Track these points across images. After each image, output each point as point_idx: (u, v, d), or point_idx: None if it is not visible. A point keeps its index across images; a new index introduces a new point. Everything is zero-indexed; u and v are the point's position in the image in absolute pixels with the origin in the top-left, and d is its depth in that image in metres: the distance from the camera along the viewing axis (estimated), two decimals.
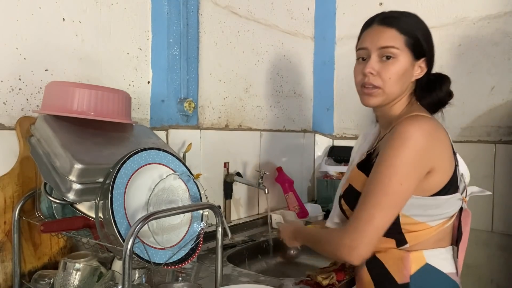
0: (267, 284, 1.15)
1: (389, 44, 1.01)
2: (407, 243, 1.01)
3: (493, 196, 1.76)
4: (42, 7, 1.20)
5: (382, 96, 1.04)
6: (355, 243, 0.93)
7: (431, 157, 0.95)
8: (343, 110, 2.33)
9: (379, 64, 1.03)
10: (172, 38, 1.53)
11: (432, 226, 1.00)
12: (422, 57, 1.05)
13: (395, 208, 0.95)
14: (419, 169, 0.94)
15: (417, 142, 0.93)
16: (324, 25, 2.35)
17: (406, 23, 1.03)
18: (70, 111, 1.03)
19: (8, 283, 1.10)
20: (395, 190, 0.93)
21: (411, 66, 1.03)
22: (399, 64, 1.01)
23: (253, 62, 1.95)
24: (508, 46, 1.78)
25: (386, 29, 1.03)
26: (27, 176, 1.13)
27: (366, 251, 0.94)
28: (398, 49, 1.01)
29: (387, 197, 0.93)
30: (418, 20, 1.06)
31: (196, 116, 1.65)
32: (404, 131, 0.93)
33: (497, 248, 1.79)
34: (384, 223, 0.94)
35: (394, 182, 0.92)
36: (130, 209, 0.95)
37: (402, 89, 1.05)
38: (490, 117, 1.81)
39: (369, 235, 0.93)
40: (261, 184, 1.71)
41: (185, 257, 1.02)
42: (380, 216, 0.93)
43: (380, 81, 1.03)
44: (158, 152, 1.04)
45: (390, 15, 1.06)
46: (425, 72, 1.07)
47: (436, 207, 0.99)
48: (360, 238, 0.93)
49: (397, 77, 1.01)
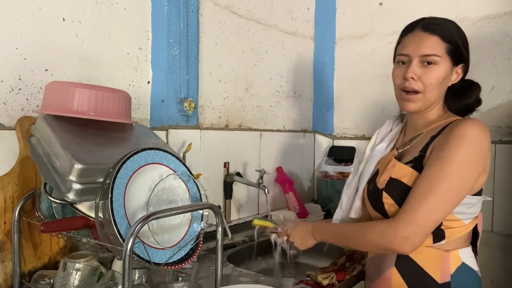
0: (267, 284, 1.15)
1: (432, 52, 1.03)
2: (444, 239, 1.03)
3: (493, 196, 1.76)
4: (42, 7, 1.20)
5: (422, 101, 1.06)
6: (411, 234, 0.96)
7: (485, 158, 1.00)
8: (343, 110, 2.33)
9: (421, 69, 1.05)
10: (172, 38, 1.53)
11: (466, 224, 1.04)
12: (460, 63, 1.09)
13: (455, 203, 0.98)
14: (480, 168, 0.99)
15: (481, 142, 0.98)
16: (324, 25, 2.35)
17: (448, 30, 1.05)
18: (70, 111, 1.03)
19: (8, 283, 1.10)
20: (460, 186, 0.97)
21: (450, 72, 1.07)
22: (439, 70, 1.04)
23: (253, 62, 1.95)
24: (508, 46, 1.78)
25: (429, 36, 1.04)
26: (27, 176, 1.13)
27: (421, 242, 0.98)
28: (440, 57, 1.04)
29: (452, 192, 0.96)
30: (457, 27, 1.09)
31: (196, 116, 1.65)
32: (467, 132, 0.97)
33: (497, 248, 1.79)
34: (442, 217, 0.98)
35: (460, 179, 0.96)
36: (130, 209, 0.95)
37: (440, 95, 1.09)
38: (490, 117, 1.81)
39: (427, 227, 0.97)
40: (261, 184, 1.71)
41: (185, 257, 1.02)
42: (442, 210, 0.97)
43: (421, 85, 1.05)
44: (158, 152, 1.04)
45: (433, 21, 1.07)
46: (460, 78, 1.11)
47: (472, 206, 1.03)
48: (418, 229, 0.96)
49: (437, 82, 1.05)
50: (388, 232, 0.98)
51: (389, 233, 0.98)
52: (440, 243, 1.03)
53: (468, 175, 0.97)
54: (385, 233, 0.99)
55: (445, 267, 1.02)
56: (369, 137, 2.20)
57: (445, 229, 1.02)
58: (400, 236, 0.96)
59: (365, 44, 2.21)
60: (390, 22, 2.11)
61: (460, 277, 1.03)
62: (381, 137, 1.24)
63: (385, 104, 2.12)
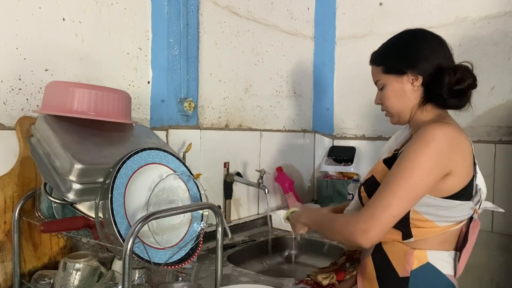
0: (267, 284, 1.15)
1: (375, 79, 1.18)
2: (412, 237, 1.06)
3: (493, 196, 1.76)
4: (42, 7, 1.20)
5: (395, 118, 1.17)
6: (369, 227, 0.98)
7: (450, 161, 1.01)
8: (343, 110, 2.33)
9: (380, 94, 1.18)
10: (172, 38, 1.53)
11: (439, 226, 1.05)
12: (407, 70, 1.10)
13: (411, 200, 1.00)
14: (438, 169, 1.00)
15: (440, 144, 0.99)
16: (324, 25, 2.36)
17: (378, 55, 1.17)
18: (70, 111, 1.03)
19: (8, 283, 1.10)
20: (415, 183, 0.98)
21: (401, 84, 1.12)
22: (387, 89, 1.14)
23: (253, 62, 1.95)
24: (508, 46, 1.78)
25: (371, 68, 1.19)
26: (27, 176, 1.13)
27: (378, 236, 0.99)
28: (380, 79, 1.15)
29: (407, 188, 0.98)
30: (391, 43, 1.16)
31: (196, 116, 1.65)
32: (429, 133, 1.00)
33: (497, 248, 1.79)
34: (399, 212, 1.00)
35: (415, 176, 0.98)
36: (130, 209, 0.95)
37: (406, 105, 1.13)
38: (490, 117, 1.81)
39: (383, 221, 0.98)
40: (261, 184, 1.71)
41: (185, 257, 1.02)
42: (397, 205, 0.99)
43: (384, 107, 1.18)
44: (158, 152, 1.04)
45: (374, 52, 1.19)
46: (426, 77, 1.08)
47: (446, 209, 1.03)
48: (375, 223, 0.98)
49: (393, 99, 1.14)
50: (350, 224, 1.02)
51: (350, 225, 1.01)
52: (409, 240, 1.07)
53: (424, 174, 0.98)
54: (348, 225, 1.03)
55: (407, 262, 1.06)
56: (369, 137, 2.22)
57: (413, 227, 1.05)
58: (360, 229, 0.99)
59: (365, 44, 2.21)
60: (390, 22, 2.11)
61: (421, 275, 1.05)
62: (396, 139, 1.29)
63: None
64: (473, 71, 1.06)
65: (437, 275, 1.06)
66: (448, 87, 1.05)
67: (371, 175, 1.14)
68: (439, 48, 1.10)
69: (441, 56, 1.09)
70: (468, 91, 1.07)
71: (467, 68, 1.05)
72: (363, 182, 1.16)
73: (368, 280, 1.14)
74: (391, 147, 1.26)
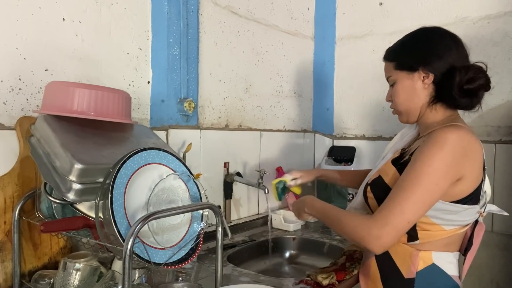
0: (267, 284, 1.15)
1: (387, 75, 1.17)
2: (418, 239, 1.05)
3: (493, 196, 1.76)
4: (42, 7, 1.20)
5: (404, 116, 1.16)
6: (383, 234, 0.96)
7: (463, 166, 0.99)
8: (343, 110, 2.33)
9: (391, 91, 1.17)
10: (172, 38, 1.53)
11: (446, 230, 1.05)
12: (418, 67, 1.08)
13: (426, 205, 0.99)
14: (453, 173, 0.98)
15: (455, 148, 0.97)
16: (324, 25, 2.35)
17: (391, 51, 1.17)
18: (70, 111, 1.03)
19: (8, 283, 1.10)
20: (431, 188, 0.97)
21: (411, 81, 1.10)
22: (398, 85, 1.13)
23: (253, 62, 1.95)
24: (508, 46, 1.78)
25: (384, 64, 1.19)
26: (27, 176, 1.13)
27: (391, 242, 0.98)
28: (392, 76, 1.14)
29: (423, 194, 0.97)
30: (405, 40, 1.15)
31: (196, 116, 1.65)
32: (443, 137, 0.98)
33: (497, 248, 1.78)
34: (415, 218, 0.98)
35: (431, 181, 0.96)
36: (130, 209, 0.95)
37: (415, 102, 1.11)
38: (490, 117, 1.81)
39: (398, 227, 0.97)
40: (261, 184, 1.71)
41: (185, 257, 1.02)
42: (412, 210, 0.97)
43: (394, 104, 1.17)
44: (158, 152, 1.04)
45: (387, 49, 1.19)
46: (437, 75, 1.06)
47: (453, 214, 1.02)
48: (390, 230, 0.96)
49: (403, 95, 1.12)
50: (362, 228, 0.99)
51: (362, 229, 0.99)
52: (414, 243, 1.06)
53: (439, 178, 0.96)
54: (359, 228, 1.00)
55: (413, 264, 1.05)
56: (369, 137, 2.22)
57: (419, 230, 1.04)
58: (373, 235, 0.97)
59: (365, 44, 2.21)
60: (390, 22, 2.11)
61: (427, 276, 1.05)
62: (402, 137, 1.27)
63: (385, 104, 2.09)
64: (487, 72, 1.02)
65: (443, 276, 1.06)
66: (459, 86, 1.02)
67: (378, 175, 1.12)
68: (454, 47, 1.07)
69: (455, 56, 1.06)
70: (479, 91, 1.04)
71: (480, 68, 1.03)
72: (370, 182, 1.14)
73: (372, 281, 1.13)
74: (397, 145, 1.24)
